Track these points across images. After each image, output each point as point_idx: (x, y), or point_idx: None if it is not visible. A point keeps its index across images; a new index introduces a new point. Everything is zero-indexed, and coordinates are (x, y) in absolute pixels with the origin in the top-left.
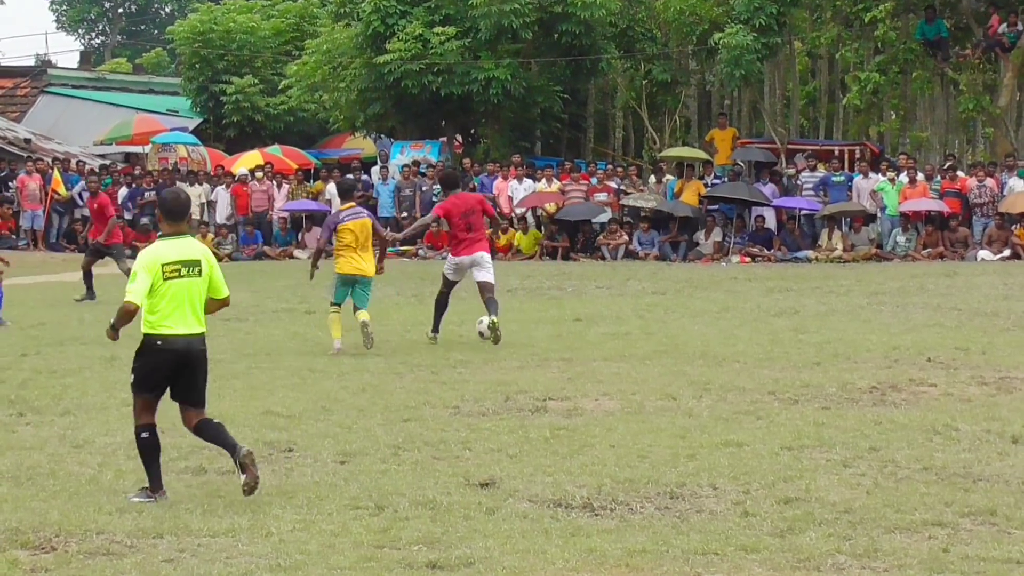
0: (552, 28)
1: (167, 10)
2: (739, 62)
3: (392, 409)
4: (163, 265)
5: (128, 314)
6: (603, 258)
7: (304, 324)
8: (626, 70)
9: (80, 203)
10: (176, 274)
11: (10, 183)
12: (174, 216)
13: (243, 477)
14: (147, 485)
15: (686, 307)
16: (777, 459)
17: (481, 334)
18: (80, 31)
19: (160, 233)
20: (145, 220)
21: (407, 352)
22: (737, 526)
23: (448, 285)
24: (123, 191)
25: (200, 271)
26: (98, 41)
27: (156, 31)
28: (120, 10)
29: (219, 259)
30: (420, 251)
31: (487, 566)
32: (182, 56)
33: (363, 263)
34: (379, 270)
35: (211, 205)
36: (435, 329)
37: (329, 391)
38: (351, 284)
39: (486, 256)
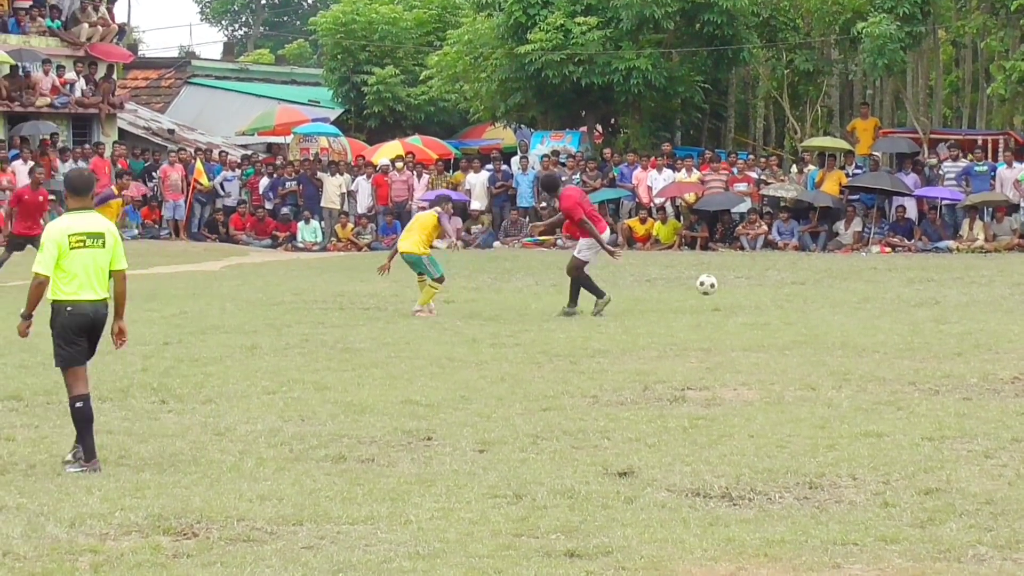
0: (694, 18)
1: (309, 1)
2: (882, 51)
3: (531, 398)
4: (69, 236)
5: (39, 286)
6: (742, 248)
7: (444, 314)
8: (768, 60)
9: (222, 193)
10: (81, 244)
11: (153, 173)
12: (79, 192)
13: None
14: (83, 456)
15: (825, 297)
16: (918, 450)
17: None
18: (223, 22)
19: (66, 208)
20: (286, 210)
21: (546, 342)
22: (877, 516)
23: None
24: (264, 181)
25: (104, 243)
26: (241, 32)
27: (298, 22)
28: (263, 1)
29: (358, 249)
30: (559, 241)
31: (625, 555)
32: (324, 47)
33: None
34: None
35: (351, 195)
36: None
37: (468, 380)
38: None
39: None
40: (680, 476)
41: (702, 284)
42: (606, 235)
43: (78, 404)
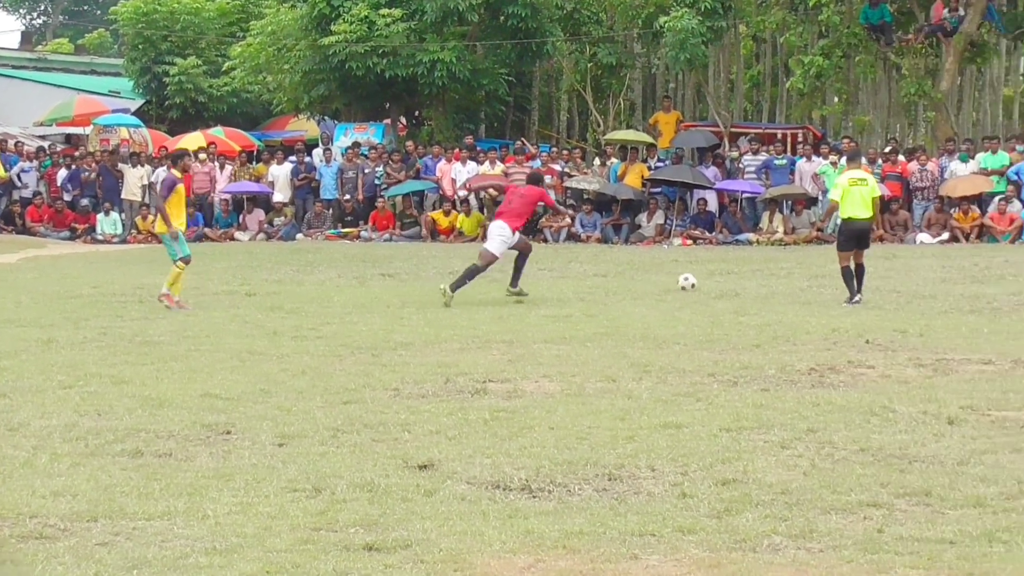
0: (498, 10)
1: None
2: (684, 45)
3: (332, 391)
4: None
5: None
6: (545, 240)
7: (245, 306)
8: (571, 53)
9: (19, 184)
10: None
11: None
12: None
13: None
14: None
15: (628, 289)
16: (716, 441)
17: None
18: (21, 11)
19: None
20: (85, 202)
21: (348, 335)
22: (675, 507)
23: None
24: (62, 172)
25: None
26: (40, 21)
27: (99, 11)
28: None
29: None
30: (363, 232)
31: (424, 548)
32: (125, 37)
33: None
34: None
35: (152, 187)
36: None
37: (269, 373)
38: None
39: (497, 226)
40: (480, 469)
41: (686, 279)
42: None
43: None
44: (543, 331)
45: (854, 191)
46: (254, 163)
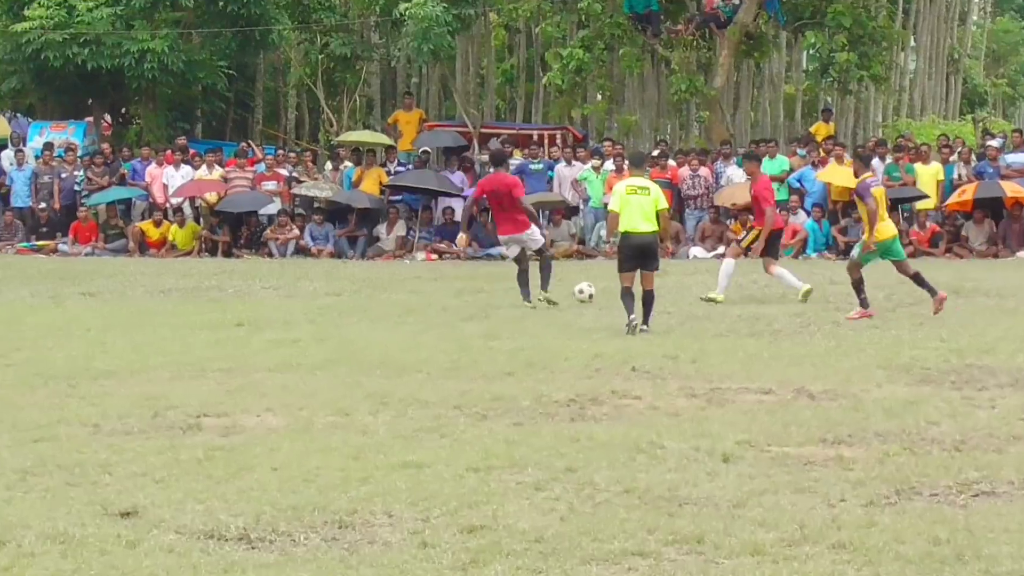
0: None
1: None
2: (427, 35)
3: (21, 428)
4: None
5: None
6: (271, 255)
7: None
8: (300, 43)
9: None
10: None
11: None
12: None
13: None
14: None
15: (364, 310)
16: (462, 482)
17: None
18: None
19: None
20: None
21: (42, 362)
22: (414, 558)
23: (517, 262)
24: None
25: None
26: None
27: None
28: None
29: None
30: (61, 245)
31: None
32: None
33: None
34: None
35: None
36: (526, 298)
37: None
38: None
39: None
40: (192, 516)
41: (581, 292)
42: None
43: None
44: (267, 358)
45: (633, 201)
46: None
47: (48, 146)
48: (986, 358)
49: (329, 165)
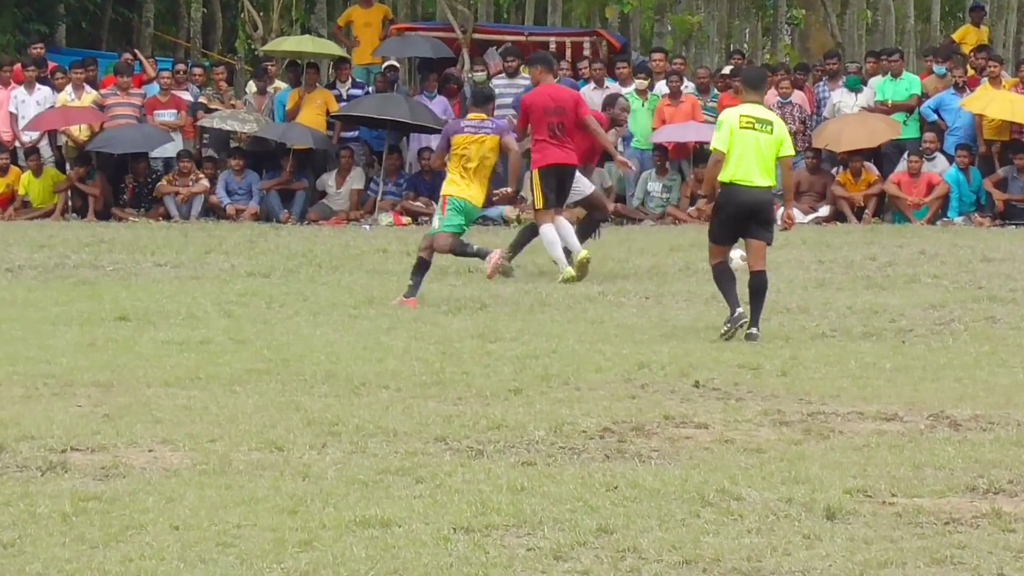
0: None
1: None
2: None
3: None
4: None
5: None
6: (167, 216)
7: None
8: None
9: None
10: None
11: None
12: None
13: None
14: None
15: (304, 299)
16: (447, 548)
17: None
18: None
19: None
20: None
21: None
22: None
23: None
24: None
25: None
26: None
27: None
28: None
29: None
30: None
31: None
32: None
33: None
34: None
35: None
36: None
37: None
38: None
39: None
40: None
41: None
42: None
43: None
44: (162, 366)
45: (748, 139)
46: None
47: None
48: None
49: (252, 86)
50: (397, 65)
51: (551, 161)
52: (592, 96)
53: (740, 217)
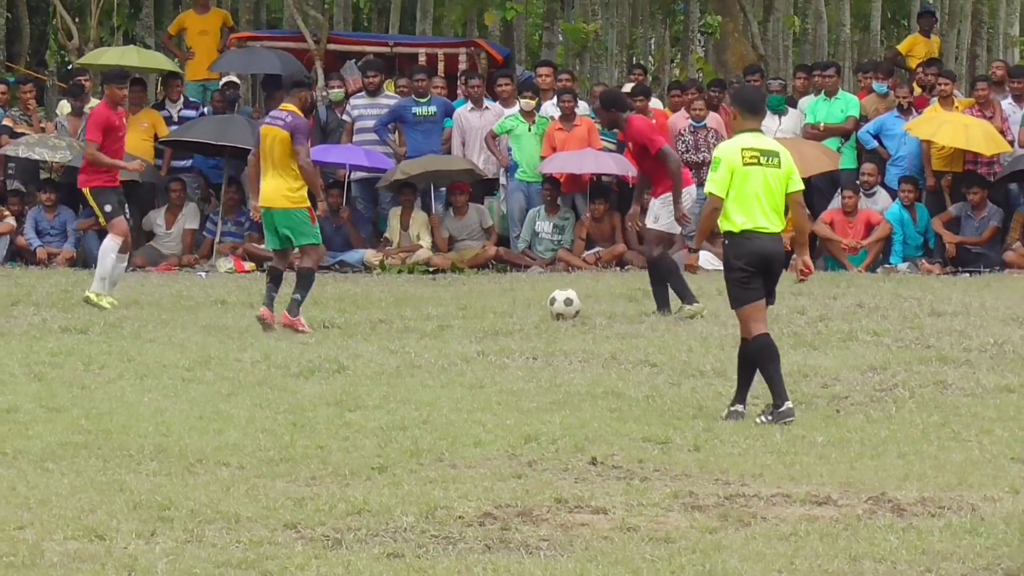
0: None
1: None
2: None
3: None
4: None
5: None
6: None
7: None
8: None
9: None
10: None
11: None
12: None
13: None
14: None
15: (129, 359)
16: None
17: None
18: None
19: None
20: None
21: None
22: None
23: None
24: None
25: None
26: None
27: None
28: None
29: None
30: None
31: None
32: None
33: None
34: None
35: None
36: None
37: None
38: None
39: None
40: None
41: (565, 301)
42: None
43: None
44: None
45: (754, 176)
46: None
47: None
48: None
49: (65, 106)
50: (238, 81)
51: None
52: (470, 118)
53: (761, 267)
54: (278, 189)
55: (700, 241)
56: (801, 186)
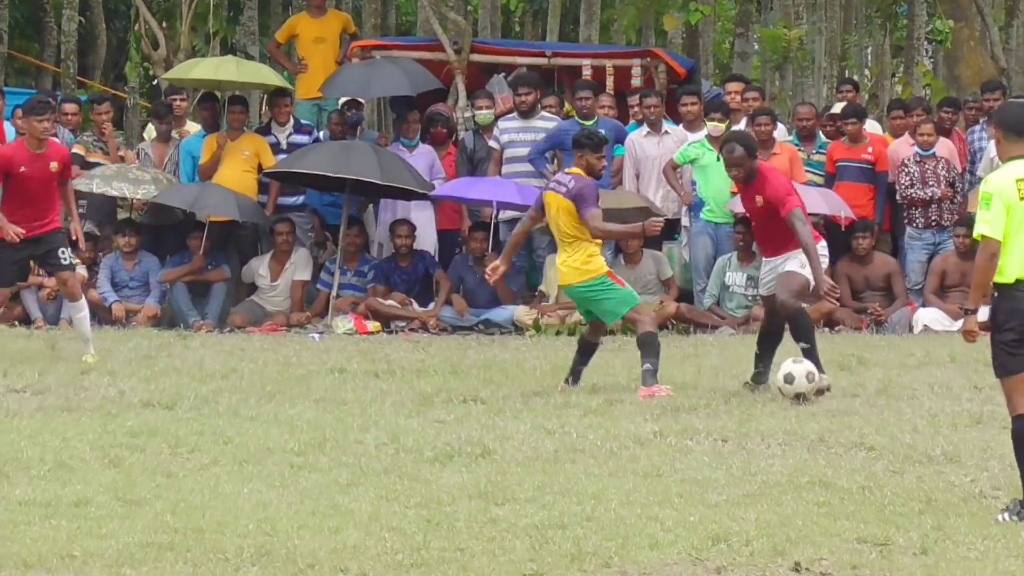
0: None
1: None
2: None
3: None
4: None
5: None
6: (27, 320)
7: None
8: None
9: None
10: None
11: None
12: None
13: None
14: None
15: (228, 439)
16: None
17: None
18: None
19: None
20: None
21: None
22: None
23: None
24: None
25: None
26: None
27: None
28: None
29: None
30: None
31: None
32: None
33: None
34: None
35: None
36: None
37: None
38: None
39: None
40: None
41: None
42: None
43: None
44: (19, 539)
45: None
46: None
47: None
48: None
49: (151, 130)
50: (362, 102)
51: None
52: (644, 144)
53: None
54: (568, 264)
55: (978, 300)
56: None
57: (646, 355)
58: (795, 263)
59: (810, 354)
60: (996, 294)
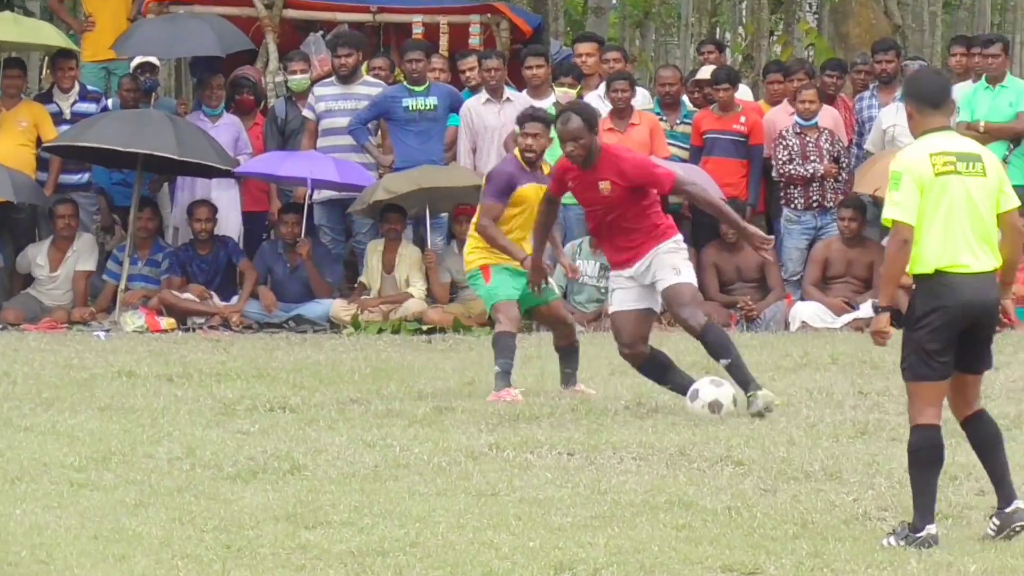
0: None
1: None
2: None
3: None
4: None
5: None
6: None
7: None
8: None
9: None
10: None
11: None
12: None
13: None
14: None
15: (0, 452)
16: None
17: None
18: None
19: None
20: None
21: None
22: None
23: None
24: None
25: None
26: None
27: None
28: None
29: None
30: None
31: None
32: None
33: None
34: None
35: None
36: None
37: None
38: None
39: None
40: None
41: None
42: None
43: None
44: None
45: (952, 191)
46: None
47: None
48: None
49: None
50: (156, 63)
51: None
52: (483, 113)
53: (965, 322)
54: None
55: (892, 295)
56: (1017, 202)
57: (496, 356)
58: (667, 272)
59: (735, 369)
60: (915, 287)
